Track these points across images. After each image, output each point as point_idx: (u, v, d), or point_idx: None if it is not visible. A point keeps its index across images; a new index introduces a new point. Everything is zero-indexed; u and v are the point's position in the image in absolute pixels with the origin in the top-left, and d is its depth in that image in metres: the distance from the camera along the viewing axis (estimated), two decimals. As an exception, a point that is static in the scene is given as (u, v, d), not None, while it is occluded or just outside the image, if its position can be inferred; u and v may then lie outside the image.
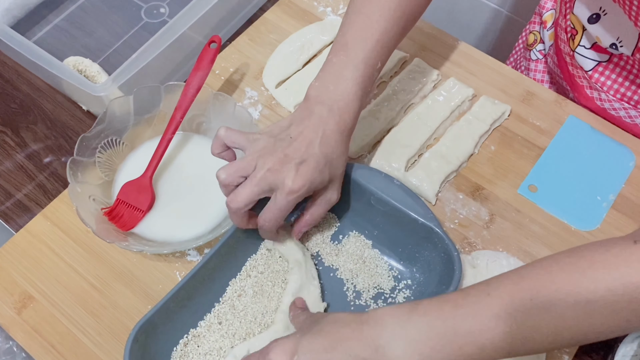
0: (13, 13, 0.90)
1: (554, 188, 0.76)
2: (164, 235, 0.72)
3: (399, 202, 0.66)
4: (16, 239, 0.73)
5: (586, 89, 0.85)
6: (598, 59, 0.82)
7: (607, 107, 0.83)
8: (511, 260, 0.70)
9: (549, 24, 0.94)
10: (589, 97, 0.85)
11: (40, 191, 0.79)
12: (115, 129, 0.75)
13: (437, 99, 0.81)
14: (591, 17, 0.78)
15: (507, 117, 0.81)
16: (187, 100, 0.74)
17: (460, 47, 0.88)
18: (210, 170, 0.76)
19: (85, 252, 0.72)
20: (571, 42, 0.84)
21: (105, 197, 0.73)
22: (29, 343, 0.67)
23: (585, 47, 0.82)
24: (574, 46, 0.83)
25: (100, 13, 0.94)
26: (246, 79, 0.86)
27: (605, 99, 0.83)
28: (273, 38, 0.89)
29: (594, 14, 0.77)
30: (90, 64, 0.85)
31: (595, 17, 0.77)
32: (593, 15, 0.77)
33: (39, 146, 0.82)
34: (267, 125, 0.81)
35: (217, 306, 0.67)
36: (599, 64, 0.82)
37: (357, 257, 0.70)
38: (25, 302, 0.69)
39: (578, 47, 0.83)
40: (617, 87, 0.82)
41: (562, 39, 0.86)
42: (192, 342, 0.65)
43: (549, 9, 0.94)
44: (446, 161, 0.76)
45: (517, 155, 0.79)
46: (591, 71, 0.83)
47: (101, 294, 0.70)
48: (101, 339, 0.67)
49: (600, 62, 0.82)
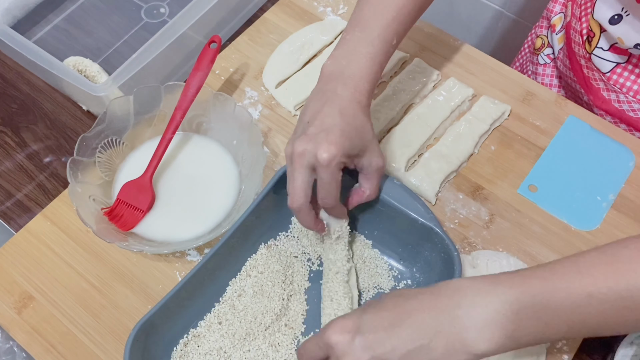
0: (13, 13, 0.90)
1: (554, 188, 0.76)
2: (164, 235, 0.72)
3: (399, 202, 0.66)
4: (16, 239, 0.73)
5: (602, 92, 0.84)
6: (617, 61, 0.81)
7: (626, 108, 0.83)
8: (511, 260, 0.70)
9: (557, 27, 0.93)
10: (606, 100, 0.84)
11: (40, 191, 0.79)
12: (115, 129, 0.75)
13: (437, 99, 0.81)
14: (612, 17, 0.77)
15: (507, 117, 0.81)
16: (187, 100, 0.74)
17: (460, 47, 0.88)
18: (210, 170, 0.76)
19: (85, 252, 0.72)
20: (587, 44, 0.83)
21: (105, 197, 0.73)
22: (29, 343, 0.67)
23: (603, 49, 0.81)
24: (590, 49, 0.82)
25: (100, 13, 0.94)
26: (246, 79, 0.86)
27: (624, 101, 0.83)
28: (273, 38, 0.89)
29: (616, 15, 0.77)
30: (90, 64, 0.85)
31: (617, 17, 0.76)
32: (615, 16, 0.77)
33: (39, 146, 0.82)
34: (267, 125, 0.81)
35: (217, 306, 0.67)
36: (617, 66, 0.81)
37: (357, 257, 0.70)
38: (25, 302, 0.69)
39: (595, 50, 0.82)
40: (637, 87, 0.81)
41: (576, 42, 0.85)
42: (192, 342, 0.65)
43: (558, 13, 0.93)
44: (446, 161, 0.76)
45: (517, 155, 0.79)
46: (609, 73, 0.82)
47: (101, 294, 0.70)
48: (101, 339, 0.67)
49: (619, 63, 0.81)
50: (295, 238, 0.72)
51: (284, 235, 0.72)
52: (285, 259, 0.70)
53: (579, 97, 0.90)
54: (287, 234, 0.72)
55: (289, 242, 0.72)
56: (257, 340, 0.65)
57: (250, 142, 0.74)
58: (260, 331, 0.65)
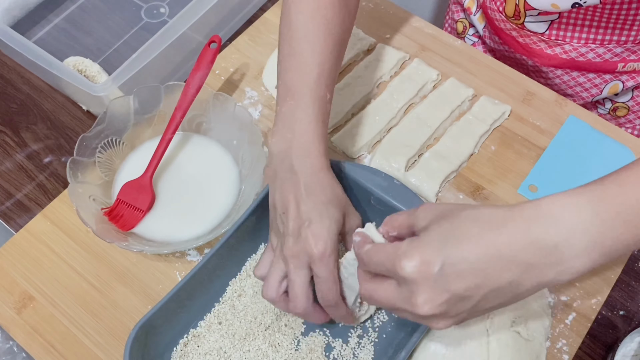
0: (13, 13, 0.90)
1: (554, 188, 0.76)
2: (164, 235, 0.72)
3: (399, 202, 0.66)
4: (16, 239, 0.73)
5: (546, 50, 0.87)
6: (549, 19, 0.84)
7: (574, 55, 0.86)
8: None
9: (473, 9, 0.97)
10: (552, 56, 0.87)
11: (40, 191, 0.79)
12: (115, 129, 0.75)
13: (437, 99, 0.81)
14: None
15: (507, 117, 0.81)
16: (187, 100, 0.74)
17: (460, 47, 0.88)
18: (210, 170, 0.76)
19: (85, 252, 0.72)
20: (512, 19, 0.86)
21: (105, 197, 0.73)
22: (29, 343, 0.67)
23: (532, 16, 0.84)
24: (520, 21, 0.86)
25: (100, 13, 0.94)
26: (246, 79, 0.86)
27: (569, 50, 0.86)
28: (273, 38, 0.89)
29: None
30: (90, 64, 0.85)
31: None
32: None
33: (39, 146, 0.82)
34: (267, 125, 0.81)
35: (217, 306, 0.67)
36: (551, 23, 0.85)
37: (357, 257, 0.70)
38: (25, 302, 0.69)
39: (526, 18, 0.85)
40: (577, 34, 0.84)
41: (498, 19, 0.89)
42: (192, 342, 0.65)
43: None
44: (446, 161, 0.76)
45: (517, 155, 0.79)
46: (547, 31, 0.85)
47: (101, 294, 0.70)
48: (101, 339, 0.67)
49: (552, 21, 0.84)
50: (295, 238, 0.72)
51: (284, 235, 0.72)
52: (285, 259, 0.70)
53: (522, 64, 0.93)
54: (287, 234, 0.72)
55: (289, 242, 0.72)
56: (257, 341, 0.65)
57: (250, 142, 0.74)
58: (260, 331, 0.65)
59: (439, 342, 0.62)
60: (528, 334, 0.63)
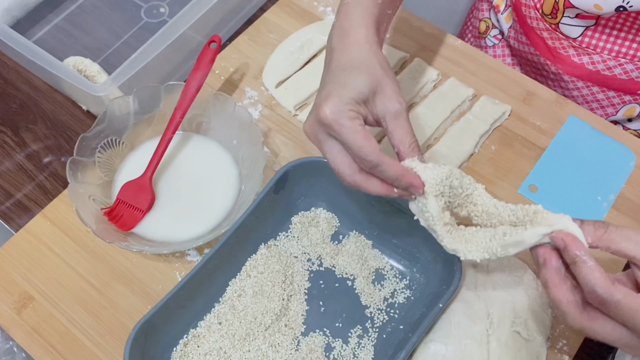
0: (13, 13, 0.90)
1: (554, 188, 0.76)
2: (164, 235, 0.72)
3: (399, 202, 0.66)
4: (16, 239, 0.73)
5: (573, 58, 0.86)
6: (585, 25, 0.83)
7: (601, 68, 0.84)
8: (512, 260, 0.70)
9: (502, 7, 0.95)
10: (578, 64, 0.86)
11: (40, 191, 0.79)
12: (115, 129, 0.75)
13: (437, 99, 0.81)
14: None
15: (507, 117, 0.81)
16: (187, 100, 0.74)
17: (461, 47, 0.88)
18: (210, 170, 0.76)
19: (85, 252, 0.72)
20: (548, 17, 0.84)
21: (105, 197, 0.73)
22: (29, 343, 0.67)
23: (570, 16, 0.83)
24: (556, 20, 0.84)
25: (100, 13, 0.94)
26: (246, 79, 0.86)
27: (598, 61, 0.84)
28: (273, 38, 0.89)
29: None
30: (90, 64, 0.85)
31: None
32: None
33: (39, 146, 0.82)
34: (267, 125, 0.81)
35: (217, 306, 0.67)
36: (586, 29, 0.83)
37: (357, 257, 0.70)
38: (25, 302, 0.69)
39: (563, 19, 0.83)
40: (610, 46, 0.83)
41: (532, 17, 0.87)
42: (192, 342, 0.65)
43: None
44: (447, 161, 0.76)
45: (518, 155, 0.79)
46: (580, 37, 0.84)
47: (101, 294, 0.70)
48: (101, 339, 0.67)
49: (588, 26, 0.83)
50: (295, 238, 0.72)
51: (284, 235, 0.72)
52: (285, 259, 0.69)
53: (544, 69, 0.91)
54: (287, 234, 0.72)
55: (289, 242, 0.72)
56: (257, 341, 0.65)
57: (250, 142, 0.73)
58: (260, 331, 0.65)
59: (439, 342, 0.62)
60: (528, 334, 0.63)
